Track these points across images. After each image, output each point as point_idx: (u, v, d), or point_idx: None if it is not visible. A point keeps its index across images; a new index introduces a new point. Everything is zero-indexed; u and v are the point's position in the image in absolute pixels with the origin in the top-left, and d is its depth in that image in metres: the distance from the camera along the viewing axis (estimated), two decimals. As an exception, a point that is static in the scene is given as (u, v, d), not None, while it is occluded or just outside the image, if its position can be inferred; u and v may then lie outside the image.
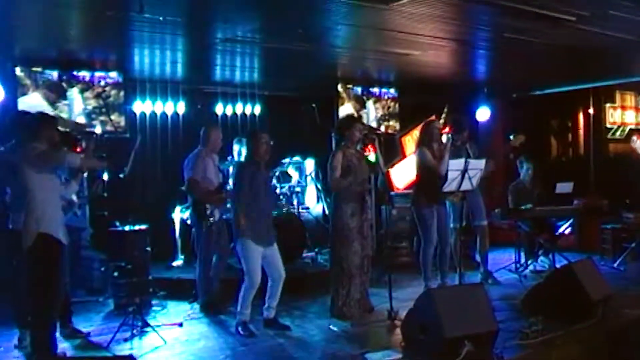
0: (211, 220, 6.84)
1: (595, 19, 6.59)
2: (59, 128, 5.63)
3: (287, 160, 9.64)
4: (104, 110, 8.42)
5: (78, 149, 5.78)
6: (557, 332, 5.67)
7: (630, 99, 13.41)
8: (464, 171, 6.65)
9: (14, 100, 7.79)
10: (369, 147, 6.70)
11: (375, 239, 8.61)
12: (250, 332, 6.05)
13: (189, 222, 8.73)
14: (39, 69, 8.06)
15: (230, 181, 7.25)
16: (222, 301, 6.97)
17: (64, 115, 8.14)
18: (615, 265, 9.00)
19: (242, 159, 6.24)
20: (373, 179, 7.49)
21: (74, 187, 5.80)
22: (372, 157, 6.74)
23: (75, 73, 8.32)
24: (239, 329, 6.11)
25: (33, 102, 7.88)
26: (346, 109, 10.46)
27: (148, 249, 7.23)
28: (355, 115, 9.68)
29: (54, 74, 8.17)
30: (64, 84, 8.25)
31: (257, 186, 6.09)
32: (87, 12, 6.27)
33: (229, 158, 8.75)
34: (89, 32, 7.06)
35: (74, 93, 8.31)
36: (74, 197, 6.09)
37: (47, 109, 7.67)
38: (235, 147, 8.80)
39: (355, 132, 6.60)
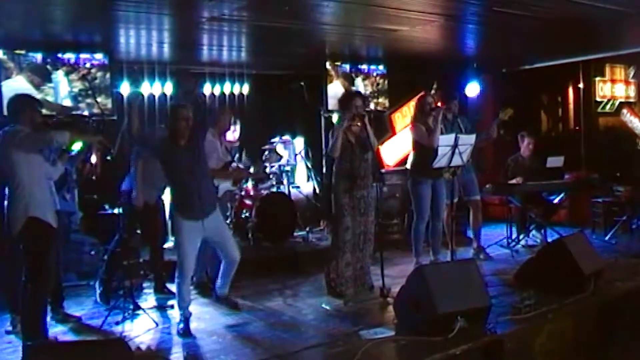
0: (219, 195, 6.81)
1: (584, -10, 6.55)
2: (43, 111, 5.49)
3: (276, 139, 9.58)
4: (90, 92, 8.32)
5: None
6: (549, 306, 5.66)
7: (619, 72, 13.38)
8: (454, 146, 6.62)
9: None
10: (359, 123, 6.59)
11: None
12: (189, 332, 5.56)
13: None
14: (23, 52, 7.95)
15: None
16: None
17: (50, 98, 8.05)
18: (606, 238, 9.03)
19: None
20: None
21: (60, 168, 5.71)
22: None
23: (59, 55, 8.21)
24: (179, 327, 5.62)
25: (17, 85, 7.80)
26: (335, 86, 10.39)
27: (138, 231, 7.19)
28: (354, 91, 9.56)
29: (38, 57, 8.07)
30: (48, 67, 8.15)
31: (178, 165, 5.59)
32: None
33: None
34: (73, 12, 6.91)
35: (59, 76, 8.21)
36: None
37: (33, 93, 7.53)
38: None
39: (352, 107, 6.43)
